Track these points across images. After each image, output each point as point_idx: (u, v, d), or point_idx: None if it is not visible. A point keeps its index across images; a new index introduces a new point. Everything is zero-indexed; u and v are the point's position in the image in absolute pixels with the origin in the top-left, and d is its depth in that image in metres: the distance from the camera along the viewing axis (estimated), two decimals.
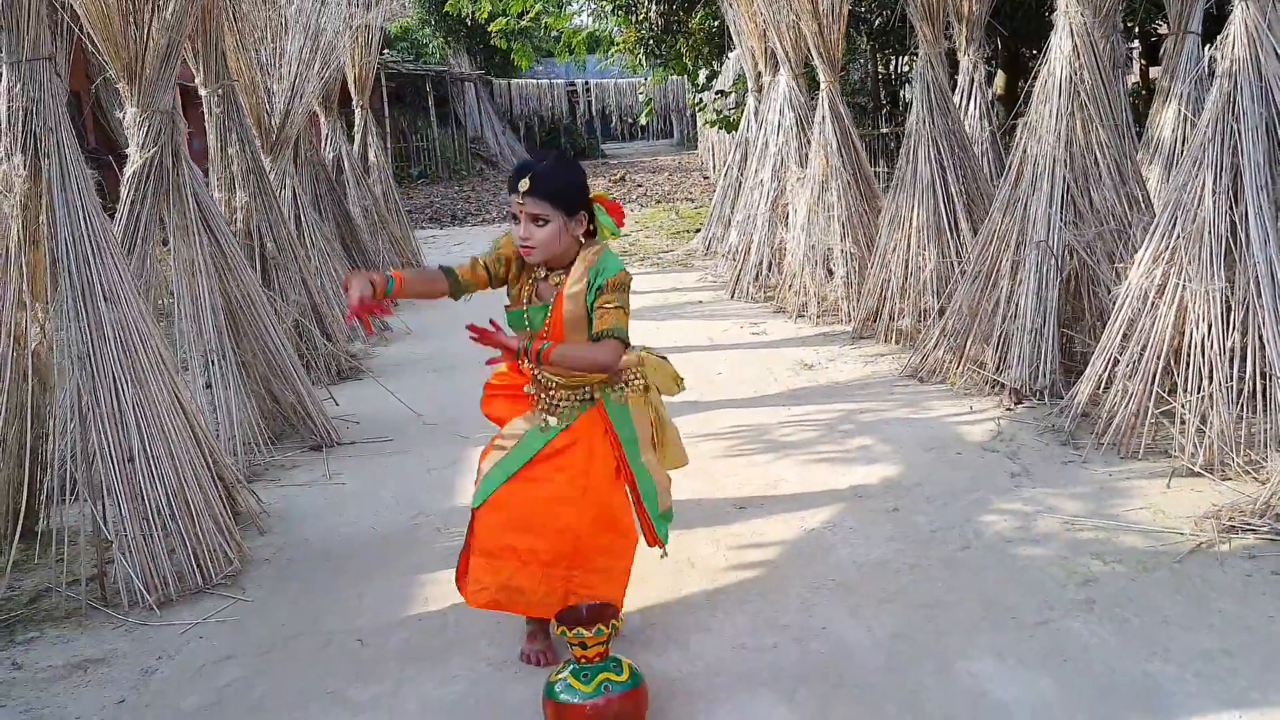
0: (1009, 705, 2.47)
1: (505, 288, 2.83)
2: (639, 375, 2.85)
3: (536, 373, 2.78)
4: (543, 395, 2.79)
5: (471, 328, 2.56)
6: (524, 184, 2.62)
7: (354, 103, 9.98)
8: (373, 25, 9.40)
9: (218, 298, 4.71)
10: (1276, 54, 3.75)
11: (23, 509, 3.56)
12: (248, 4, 6.46)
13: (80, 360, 3.40)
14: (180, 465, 3.53)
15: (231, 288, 4.78)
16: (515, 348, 2.61)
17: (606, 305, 2.64)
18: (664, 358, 2.98)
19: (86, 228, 3.47)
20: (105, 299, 3.46)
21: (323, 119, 9.16)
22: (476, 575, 2.71)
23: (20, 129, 3.41)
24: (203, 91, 5.62)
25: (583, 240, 2.74)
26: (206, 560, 3.47)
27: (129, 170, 4.49)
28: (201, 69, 5.53)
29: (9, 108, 3.42)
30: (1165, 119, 6.04)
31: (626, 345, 2.68)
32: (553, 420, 2.75)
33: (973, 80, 7.15)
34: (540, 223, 2.64)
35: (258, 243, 5.89)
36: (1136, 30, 10.62)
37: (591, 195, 2.74)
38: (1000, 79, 12.15)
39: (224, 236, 4.79)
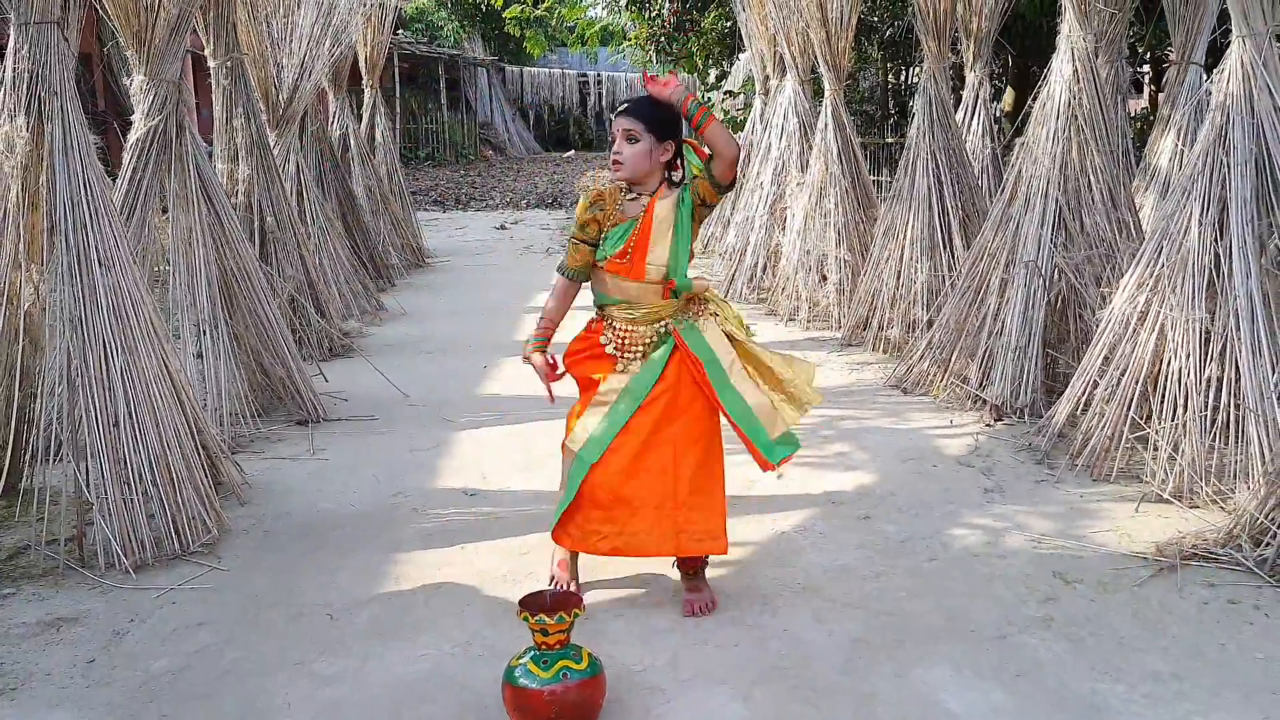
0: (959, 714, 2.52)
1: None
2: (710, 303, 3.07)
3: (611, 321, 3.05)
4: (623, 341, 3.02)
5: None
6: (623, 106, 2.99)
7: (364, 82, 10.02)
8: (387, 5, 9.44)
9: (213, 269, 4.75)
10: (1270, 91, 3.79)
11: (6, 466, 3.62)
12: None
13: (72, 323, 3.44)
14: (164, 432, 3.58)
15: (228, 259, 4.82)
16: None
17: (700, 180, 2.94)
18: (725, 300, 3.23)
19: (86, 193, 3.51)
20: (100, 264, 3.50)
21: (331, 96, 9.20)
22: (596, 526, 2.96)
23: (25, 91, 3.45)
24: (211, 63, 5.66)
25: (669, 177, 3.02)
26: (185, 527, 3.52)
27: (132, 137, 4.53)
28: (212, 40, 5.57)
29: (15, 69, 3.46)
30: (1164, 147, 6.11)
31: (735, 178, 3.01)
32: (637, 365, 3.00)
33: (977, 97, 7.21)
34: (632, 140, 2.93)
35: (258, 216, 5.93)
36: (1147, 56, 10.67)
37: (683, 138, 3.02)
38: (1009, 96, 12.20)
39: (223, 208, 4.83)
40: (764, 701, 2.58)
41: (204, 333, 4.71)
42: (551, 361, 3.09)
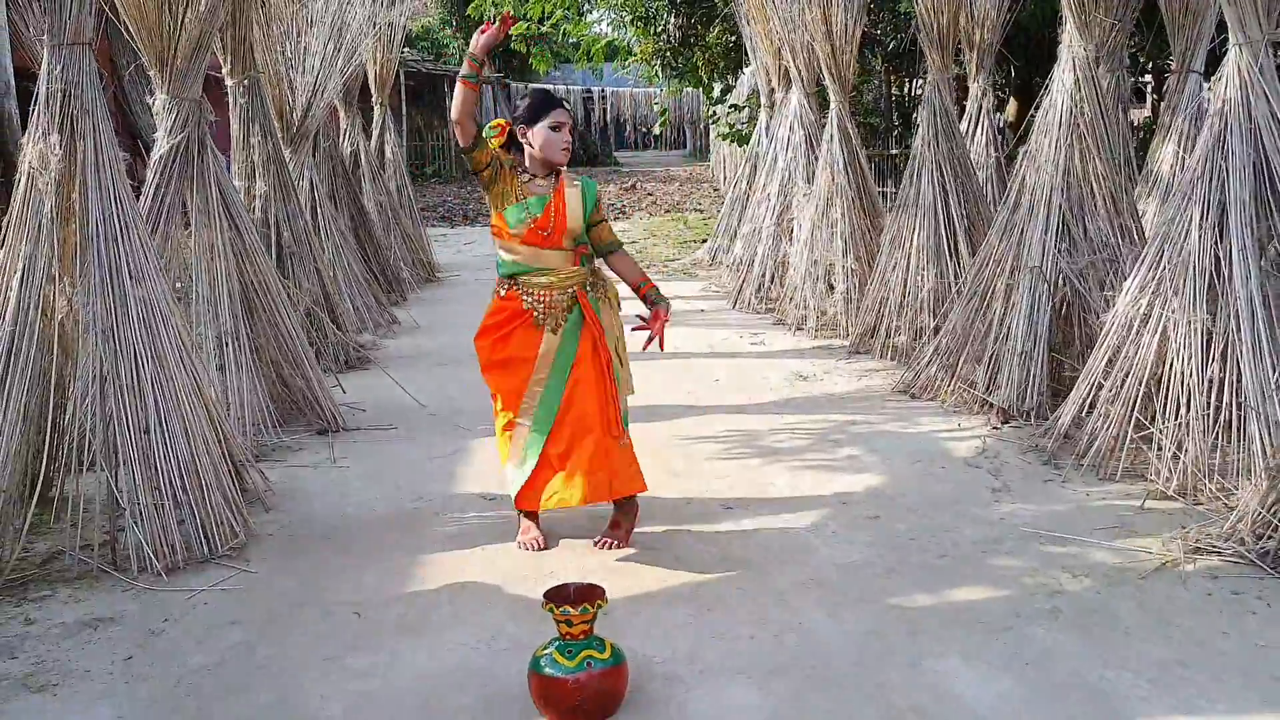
0: (970, 701, 2.60)
1: (485, 188, 3.49)
2: (608, 292, 3.58)
3: (528, 289, 3.46)
4: (539, 302, 3.45)
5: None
6: (556, 100, 3.49)
7: (373, 99, 10.15)
8: (395, 24, 9.57)
9: (234, 282, 4.86)
10: (1267, 98, 3.89)
11: (40, 475, 3.72)
12: None
13: (104, 333, 3.55)
14: (193, 440, 3.68)
15: (248, 273, 4.93)
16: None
17: (605, 221, 3.60)
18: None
19: (117, 207, 3.63)
20: (131, 276, 3.61)
21: (342, 114, 9.33)
22: (551, 487, 3.44)
23: (58, 110, 3.57)
24: (229, 82, 5.79)
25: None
26: (214, 532, 3.62)
27: (155, 154, 4.65)
28: (229, 60, 5.70)
29: (48, 89, 3.57)
30: (1165, 154, 6.18)
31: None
32: (559, 322, 3.45)
33: (981, 107, 7.31)
34: (573, 133, 3.48)
35: (275, 231, 6.05)
36: (1149, 65, 10.77)
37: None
38: (1012, 106, 12.31)
39: (243, 223, 4.94)
40: (781, 691, 2.67)
41: (226, 344, 4.82)
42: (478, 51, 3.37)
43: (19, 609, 3.22)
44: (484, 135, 3.44)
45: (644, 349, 3.45)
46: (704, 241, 11.54)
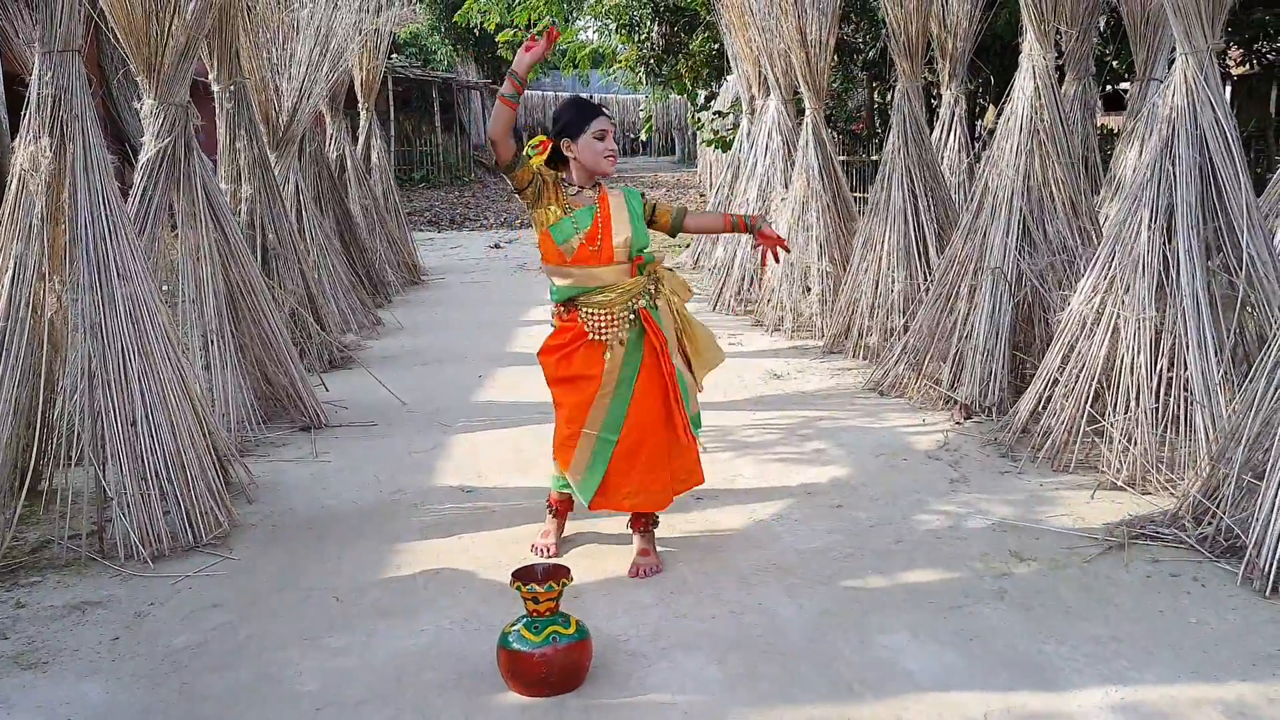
0: (915, 673, 2.75)
1: (530, 208, 3.38)
2: (663, 283, 3.44)
3: (586, 309, 3.34)
4: (599, 322, 3.33)
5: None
6: (596, 105, 3.42)
7: (360, 105, 10.29)
8: (382, 30, 9.72)
9: (220, 283, 4.99)
10: (1211, 105, 4.06)
11: (30, 468, 3.84)
12: (262, 6, 6.78)
13: (92, 329, 3.69)
14: (179, 433, 3.81)
15: (233, 274, 5.06)
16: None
17: (657, 203, 3.50)
18: (671, 269, 3.56)
19: (105, 208, 3.76)
20: (119, 274, 3.75)
21: (328, 119, 9.46)
22: (625, 489, 3.37)
23: (49, 114, 3.71)
24: (215, 87, 5.93)
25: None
26: (198, 521, 3.75)
27: (143, 158, 4.78)
28: (216, 65, 5.84)
29: (39, 94, 3.71)
30: (1128, 159, 6.38)
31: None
32: (621, 338, 3.35)
33: (953, 114, 7.50)
34: (616, 139, 3.39)
35: (260, 233, 6.18)
36: (1125, 73, 10.98)
37: None
38: (991, 112, 12.51)
39: (229, 225, 5.07)
40: (737, 664, 2.82)
41: (211, 343, 4.95)
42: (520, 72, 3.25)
43: (10, 594, 3.35)
44: (525, 154, 3.35)
45: (771, 264, 3.38)
46: (687, 246, 11.71)
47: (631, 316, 3.35)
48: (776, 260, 3.63)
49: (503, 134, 3.21)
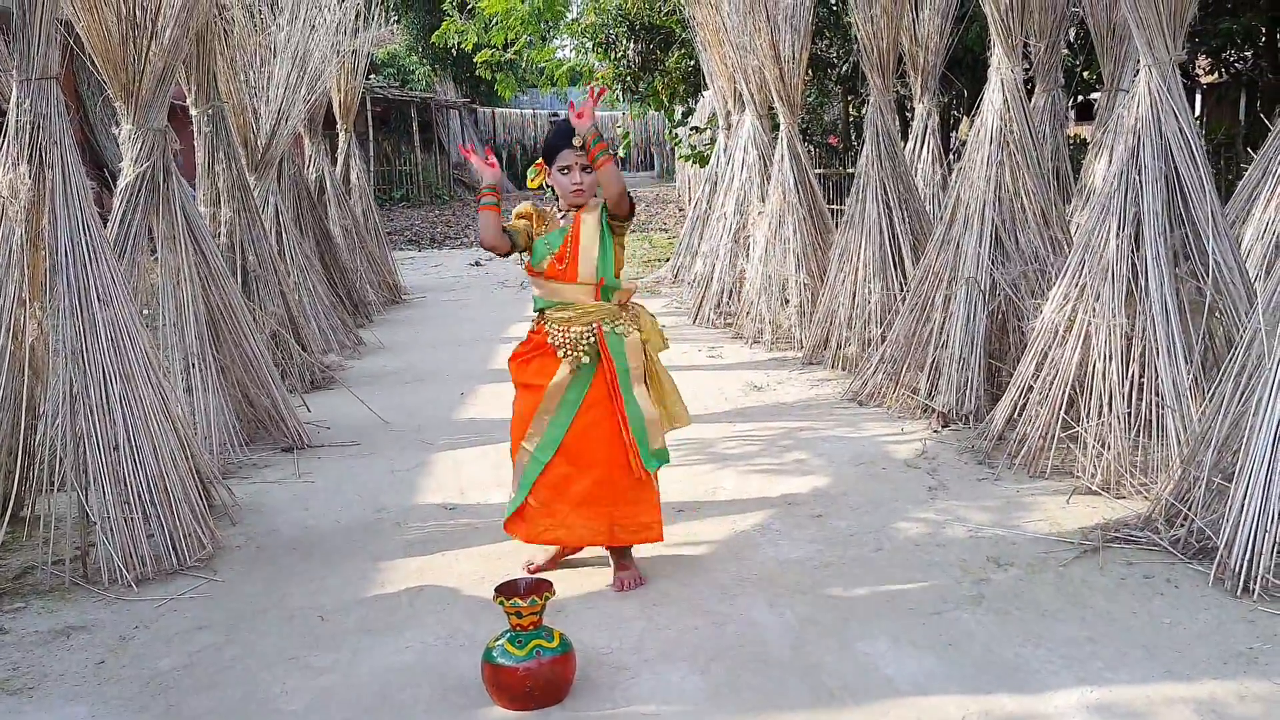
0: (895, 679, 2.79)
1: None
2: (636, 318, 3.45)
3: (551, 322, 3.39)
4: (563, 339, 3.36)
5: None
6: (563, 136, 3.33)
7: (338, 126, 10.32)
8: (359, 51, 9.77)
9: (200, 305, 5.01)
10: (1175, 115, 4.14)
11: (12, 494, 3.85)
12: (239, 29, 6.81)
13: (73, 354, 3.70)
14: (161, 456, 3.82)
15: (214, 297, 5.08)
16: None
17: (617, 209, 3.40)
18: (653, 316, 3.55)
19: (85, 234, 3.78)
20: (99, 299, 3.76)
21: (307, 140, 9.49)
22: (543, 519, 3.38)
23: (27, 141, 3.73)
24: (194, 111, 5.95)
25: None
26: (182, 544, 3.75)
27: (121, 182, 4.80)
28: (193, 90, 5.87)
29: (18, 121, 3.73)
30: (1097, 169, 6.47)
31: (632, 208, 3.43)
32: (581, 358, 3.34)
33: (926, 127, 7.60)
34: (586, 170, 3.34)
35: (240, 256, 6.20)
36: (1096, 86, 11.14)
37: None
38: (965, 124, 12.66)
39: (208, 248, 5.09)
40: (719, 674, 2.85)
41: (192, 366, 4.96)
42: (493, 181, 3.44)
43: None
44: (513, 229, 3.41)
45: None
46: (667, 260, 11.78)
47: (590, 339, 3.35)
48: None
49: (494, 239, 3.37)
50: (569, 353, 3.36)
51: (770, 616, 3.19)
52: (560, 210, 3.48)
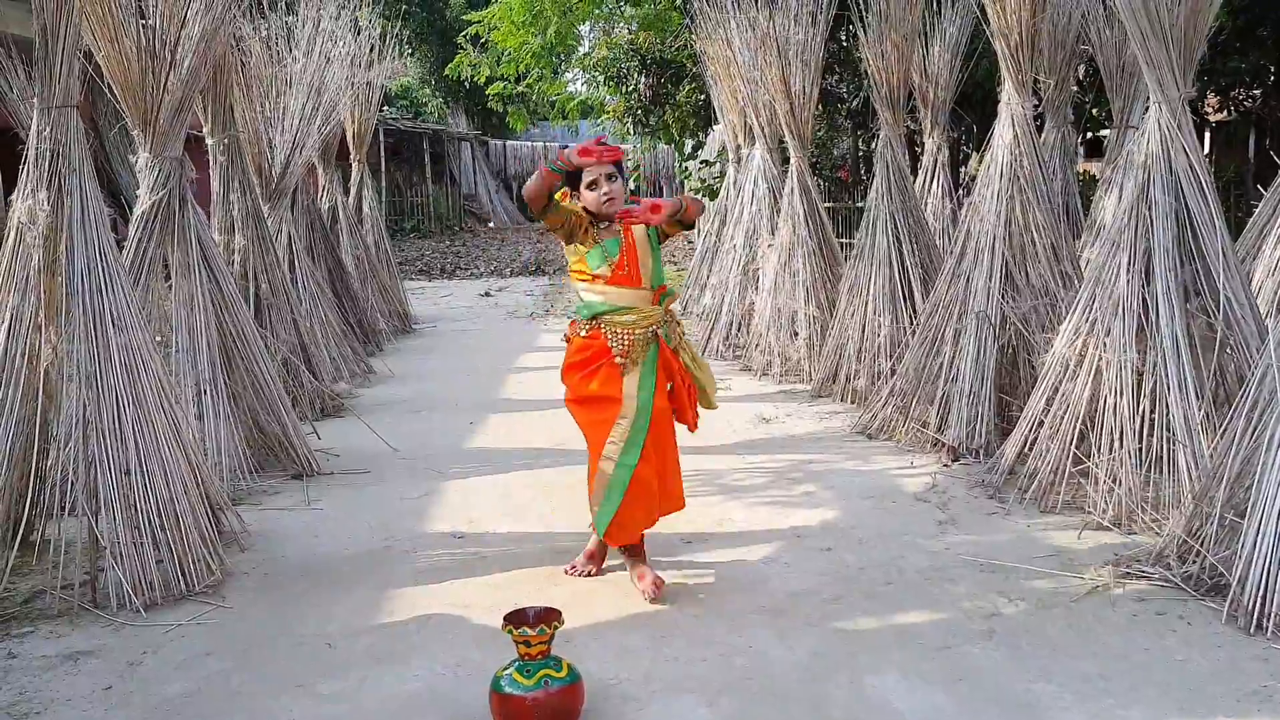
0: (905, 713, 2.77)
1: (565, 242, 3.64)
2: (677, 323, 3.72)
3: (611, 328, 3.55)
4: (626, 346, 3.54)
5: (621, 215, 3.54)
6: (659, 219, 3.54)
7: (351, 157, 10.41)
8: (373, 84, 9.87)
9: (213, 332, 5.04)
10: (1185, 151, 4.16)
11: (23, 517, 3.86)
12: (256, 60, 6.90)
13: (87, 379, 3.72)
14: (172, 482, 3.83)
15: (227, 324, 5.11)
16: (638, 211, 3.51)
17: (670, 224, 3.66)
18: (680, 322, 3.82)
19: (101, 260, 3.82)
20: (114, 325, 3.79)
21: (321, 171, 9.57)
22: (639, 518, 3.61)
23: (47, 169, 3.77)
24: (209, 141, 6.01)
25: None
26: (191, 570, 3.76)
27: (138, 210, 4.85)
28: (210, 120, 5.93)
29: (38, 149, 3.78)
30: (1107, 205, 6.50)
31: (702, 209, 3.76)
32: (637, 359, 3.57)
33: (936, 161, 7.64)
34: (612, 178, 3.53)
35: (253, 283, 6.24)
36: (1106, 123, 11.21)
37: None
38: (975, 159, 12.72)
39: (222, 276, 5.13)
40: (728, 706, 2.83)
41: (204, 392, 4.98)
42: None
43: (2, 644, 3.35)
44: (554, 203, 3.53)
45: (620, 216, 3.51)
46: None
47: (648, 340, 3.57)
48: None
49: (536, 195, 3.47)
50: (638, 358, 3.55)
51: (779, 649, 3.17)
52: (598, 222, 3.61)
